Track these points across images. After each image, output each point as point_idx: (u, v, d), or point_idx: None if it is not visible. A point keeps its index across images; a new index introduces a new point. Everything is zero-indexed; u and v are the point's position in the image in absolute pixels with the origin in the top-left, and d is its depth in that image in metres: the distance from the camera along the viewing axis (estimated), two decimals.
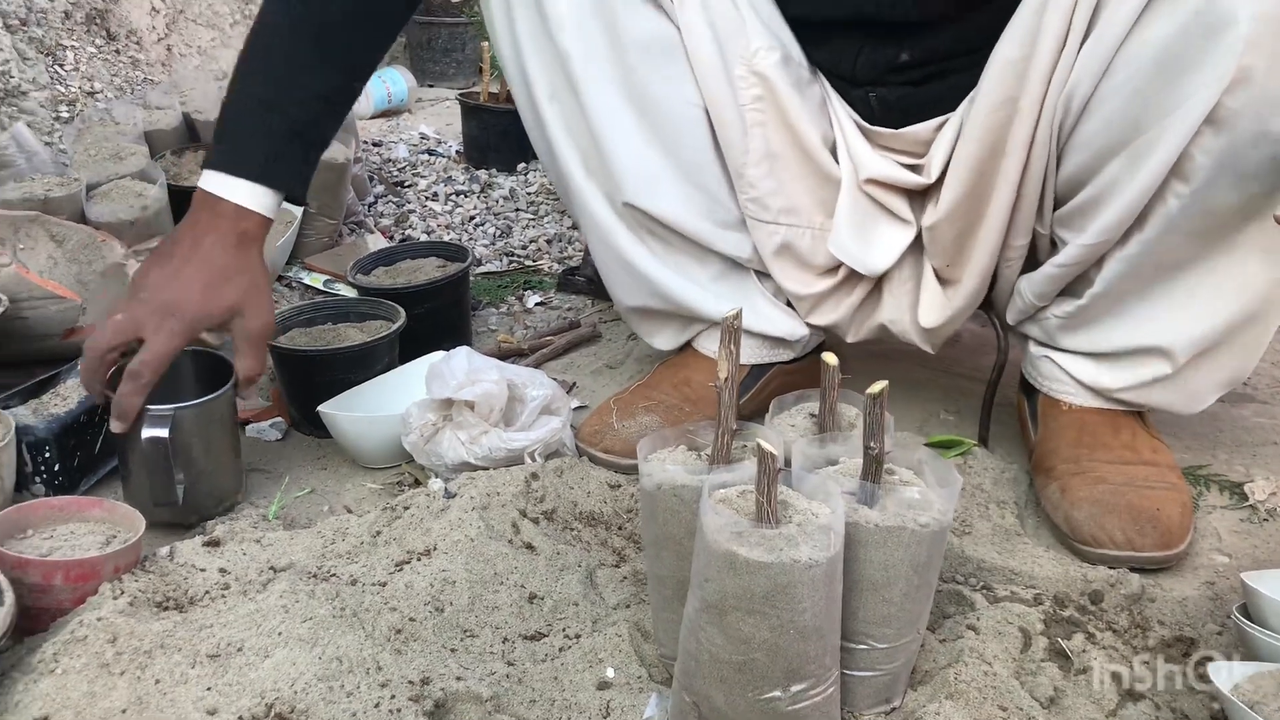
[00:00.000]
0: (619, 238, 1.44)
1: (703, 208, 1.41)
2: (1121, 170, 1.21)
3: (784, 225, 1.42)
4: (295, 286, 2.07)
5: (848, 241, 1.39)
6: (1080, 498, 1.29)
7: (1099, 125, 1.21)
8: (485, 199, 2.56)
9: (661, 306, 1.49)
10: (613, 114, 1.36)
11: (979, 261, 1.36)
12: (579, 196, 1.43)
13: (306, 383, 1.54)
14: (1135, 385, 1.35)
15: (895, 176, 1.38)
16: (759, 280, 1.50)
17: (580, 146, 1.40)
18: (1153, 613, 1.15)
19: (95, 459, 1.42)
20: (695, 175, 1.40)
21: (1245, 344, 1.31)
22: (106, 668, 0.98)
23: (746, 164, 1.38)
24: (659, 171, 1.38)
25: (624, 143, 1.37)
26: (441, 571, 1.15)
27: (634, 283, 1.47)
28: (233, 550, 1.22)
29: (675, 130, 1.38)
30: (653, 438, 1.05)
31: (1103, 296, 1.31)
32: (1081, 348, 1.37)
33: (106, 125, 2.20)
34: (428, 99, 3.50)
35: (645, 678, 1.06)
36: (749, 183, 1.40)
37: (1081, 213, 1.28)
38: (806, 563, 0.86)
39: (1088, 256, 1.29)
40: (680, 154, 1.39)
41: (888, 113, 1.38)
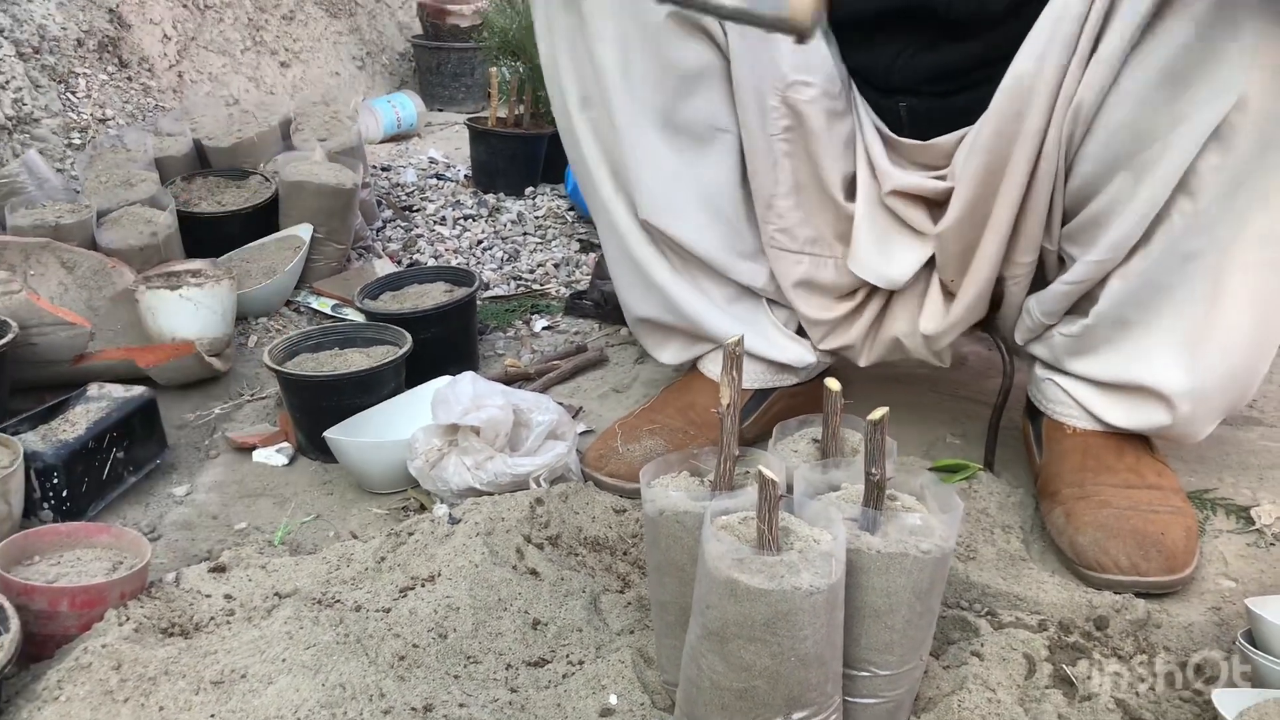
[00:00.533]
0: (640, 249, 1.45)
1: (721, 236, 1.42)
2: (1126, 185, 1.22)
3: (809, 255, 1.43)
4: (303, 311, 2.08)
5: (868, 258, 1.40)
6: (1085, 522, 1.29)
7: (1104, 138, 1.21)
8: (493, 223, 2.57)
9: (673, 321, 1.50)
10: (642, 134, 1.37)
11: (979, 272, 1.36)
12: (604, 203, 1.44)
13: (313, 408, 1.54)
14: (1133, 422, 1.35)
15: (921, 185, 1.37)
16: (769, 308, 1.50)
17: (609, 156, 1.41)
18: (1158, 638, 1.15)
19: (103, 485, 1.43)
20: (716, 202, 1.41)
21: (1246, 380, 1.31)
22: (110, 695, 0.99)
23: (776, 195, 1.39)
24: (681, 195, 1.39)
25: (650, 163, 1.38)
26: (445, 598, 1.15)
27: (649, 294, 1.48)
28: (238, 576, 1.22)
29: (702, 156, 1.39)
30: (656, 463, 1.05)
31: (1107, 316, 1.31)
32: (1085, 373, 1.37)
33: (118, 152, 2.22)
34: (436, 123, 3.53)
35: (648, 704, 1.06)
36: (778, 213, 1.40)
37: (1088, 228, 1.28)
38: (808, 590, 0.86)
39: (1095, 273, 1.29)
40: (703, 180, 1.40)
41: (916, 124, 1.38)
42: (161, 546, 1.37)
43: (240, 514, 1.46)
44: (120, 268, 1.85)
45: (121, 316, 1.82)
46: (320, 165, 2.19)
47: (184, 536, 1.40)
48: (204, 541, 1.39)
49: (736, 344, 0.99)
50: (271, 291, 2.02)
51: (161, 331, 1.74)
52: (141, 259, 1.94)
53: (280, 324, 2.03)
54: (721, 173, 1.40)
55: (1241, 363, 1.29)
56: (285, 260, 2.06)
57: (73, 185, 2.16)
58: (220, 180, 2.26)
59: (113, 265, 1.85)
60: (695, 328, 1.48)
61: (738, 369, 0.99)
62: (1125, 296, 1.28)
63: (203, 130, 2.39)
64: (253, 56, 3.23)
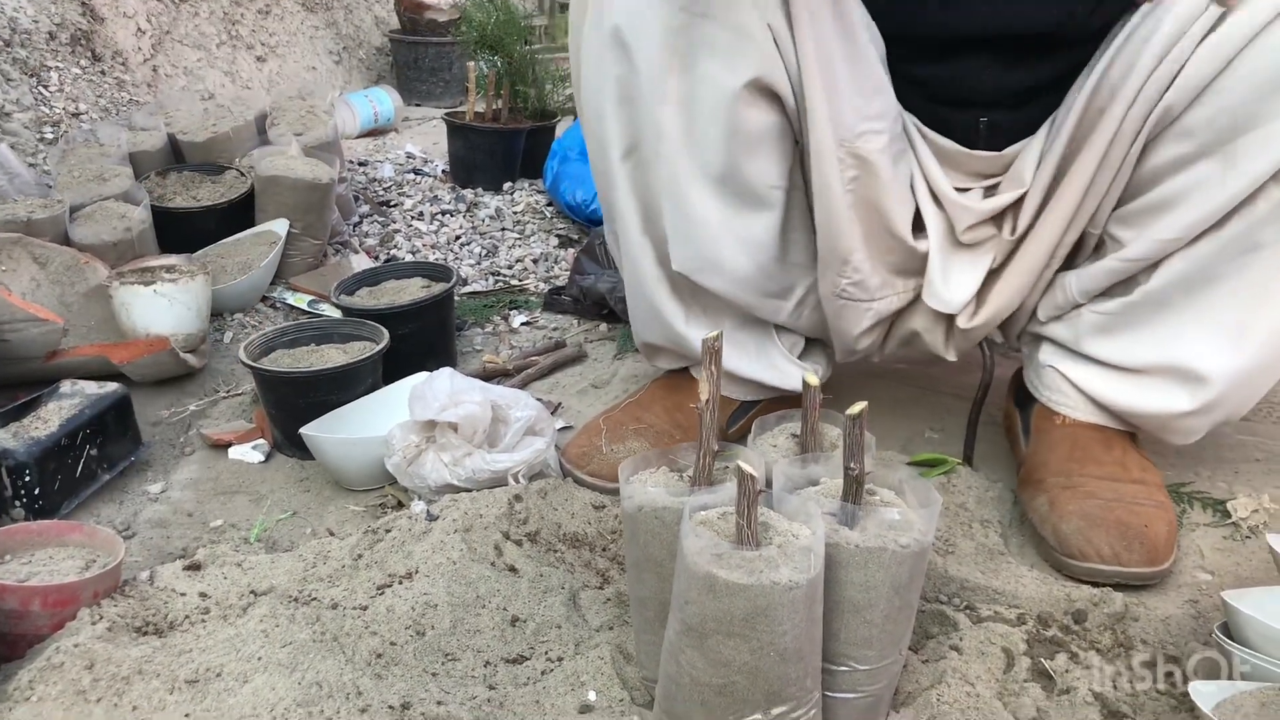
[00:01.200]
0: (658, 294, 1.42)
1: (752, 282, 1.39)
2: (1213, 170, 1.21)
3: (876, 300, 1.41)
4: (280, 307, 2.06)
5: (939, 289, 1.38)
6: (1069, 511, 1.29)
7: (1208, 116, 1.20)
8: (471, 218, 2.56)
9: (678, 351, 1.49)
10: (694, 192, 1.31)
11: (1027, 261, 1.36)
12: (631, 246, 1.41)
13: (289, 404, 1.53)
14: (1147, 406, 1.34)
15: (994, 207, 1.35)
16: (776, 335, 1.49)
17: (644, 204, 1.36)
18: (1136, 631, 1.15)
19: (76, 483, 1.41)
20: (756, 255, 1.37)
21: (1270, 380, 1.32)
22: (83, 695, 0.98)
23: (854, 249, 1.35)
24: (721, 251, 1.35)
25: (694, 220, 1.32)
26: (423, 595, 1.15)
27: (660, 329, 1.46)
28: (213, 574, 1.21)
29: (753, 213, 1.34)
30: (635, 459, 1.05)
31: (1154, 296, 1.30)
32: (1107, 355, 1.36)
33: (91, 146, 2.19)
34: (414, 118, 3.51)
35: (627, 701, 1.05)
36: (854, 267, 1.37)
37: (1155, 210, 1.27)
38: (786, 584, 0.86)
39: (1157, 253, 1.28)
40: (748, 235, 1.35)
41: (994, 135, 1.35)
42: (136, 545, 1.36)
43: (216, 512, 1.44)
44: (94, 263, 1.83)
45: (95, 313, 1.80)
46: (296, 160, 2.17)
47: (159, 534, 1.39)
48: (179, 539, 1.38)
49: (715, 339, 0.99)
50: (247, 287, 2.00)
51: (135, 327, 1.72)
52: (115, 254, 1.92)
53: (256, 320, 2.02)
54: (768, 228, 1.36)
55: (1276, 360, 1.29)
56: (261, 256, 2.04)
57: (45, 180, 2.14)
58: (195, 175, 2.24)
59: (86, 261, 1.83)
60: (699, 359, 1.46)
61: (717, 365, 0.99)
62: (1179, 278, 1.28)
63: (177, 125, 2.37)
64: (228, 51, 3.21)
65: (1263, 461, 1.53)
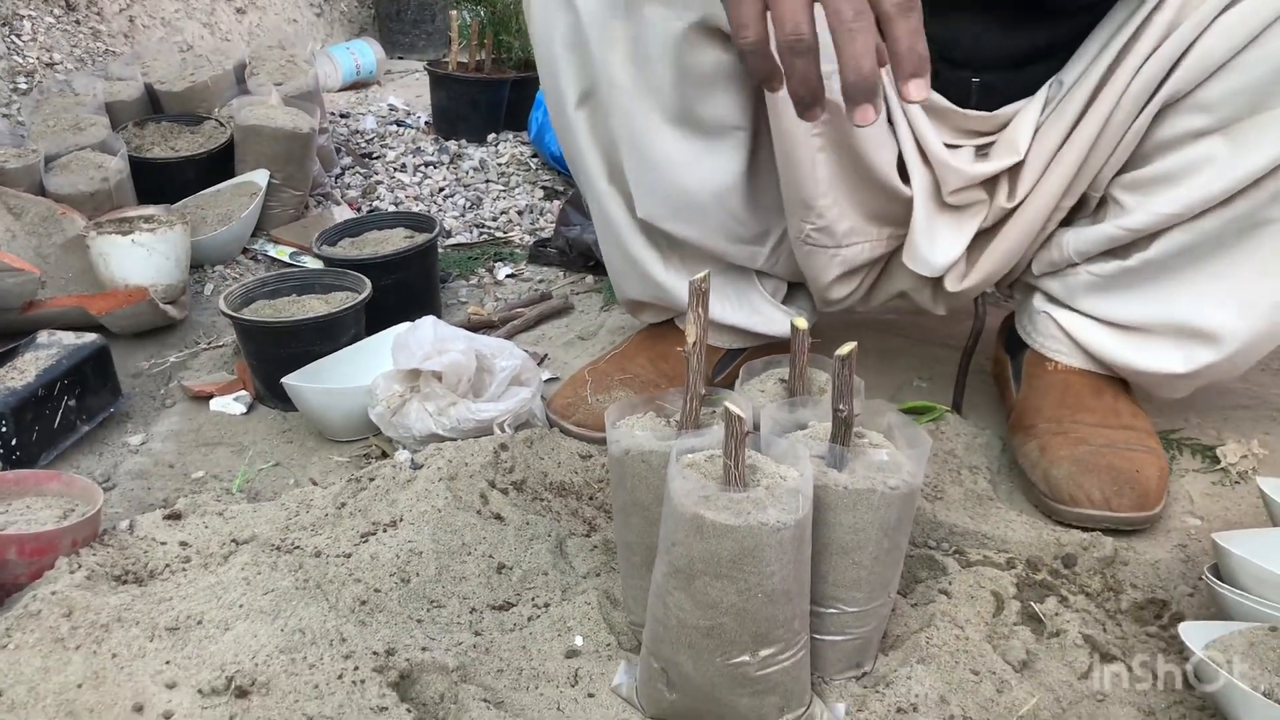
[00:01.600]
0: (635, 244, 1.39)
1: (721, 226, 1.36)
2: (1219, 148, 1.19)
3: (844, 247, 1.38)
4: (261, 259, 2.04)
5: (923, 252, 1.35)
6: (1060, 456, 1.29)
7: (1225, 92, 1.17)
8: (455, 170, 2.53)
9: (662, 304, 1.46)
10: (650, 134, 1.28)
11: (1022, 227, 1.33)
12: (599, 196, 1.38)
13: (271, 355, 1.51)
14: (1149, 364, 1.32)
15: (984, 173, 1.32)
16: (759, 280, 1.47)
17: (607, 152, 1.34)
18: (1125, 575, 1.14)
19: (55, 434, 1.39)
20: (721, 198, 1.33)
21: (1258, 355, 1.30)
22: (61, 642, 0.96)
23: (816, 194, 1.32)
24: (684, 194, 1.31)
25: (654, 163, 1.29)
26: (408, 543, 1.13)
27: (641, 283, 1.43)
28: (194, 523, 1.19)
29: (712, 153, 1.30)
30: (621, 404, 1.03)
31: (1154, 263, 1.28)
32: (1103, 313, 1.35)
33: (66, 96, 2.16)
34: (397, 71, 3.46)
35: (614, 645, 1.04)
36: (818, 213, 1.34)
37: (1161, 181, 1.25)
38: (774, 526, 0.84)
39: (1159, 225, 1.26)
40: (710, 176, 1.31)
41: (987, 96, 1.32)
42: (116, 496, 1.34)
43: (197, 463, 1.43)
44: (70, 214, 1.80)
45: (73, 264, 1.77)
46: (276, 110, 2.14)
47: (139, 486, 1.37)
48: (160, 490, 1.36)
49: (703, 280, 0.97)
50: (228, 238, 1.98)
51: (114, 278, 1.69)
52: (92, 205, 1.89)
53: (237, 272, 1.99)
54: (730, 168, 1.32)
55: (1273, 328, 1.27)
56: (241, 207, 2.01)
57: (19, 130, 2.10)
58: (174, 125, 2.20)
59: (62, 212, 1.80)
60: (683, 309, 1.44)
61: (703, 306, 0.97)
62: (1180, 249, 1.26)
63: (154, 75, 2.33)
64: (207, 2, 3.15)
65: (1251, 408, 1.53)
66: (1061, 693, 0.99)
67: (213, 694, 0.92)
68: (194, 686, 0.92)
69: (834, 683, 0.99)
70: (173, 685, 0.93)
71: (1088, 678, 1.01)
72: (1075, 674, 1.01)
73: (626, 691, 0.98)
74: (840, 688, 0.99)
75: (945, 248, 1.35)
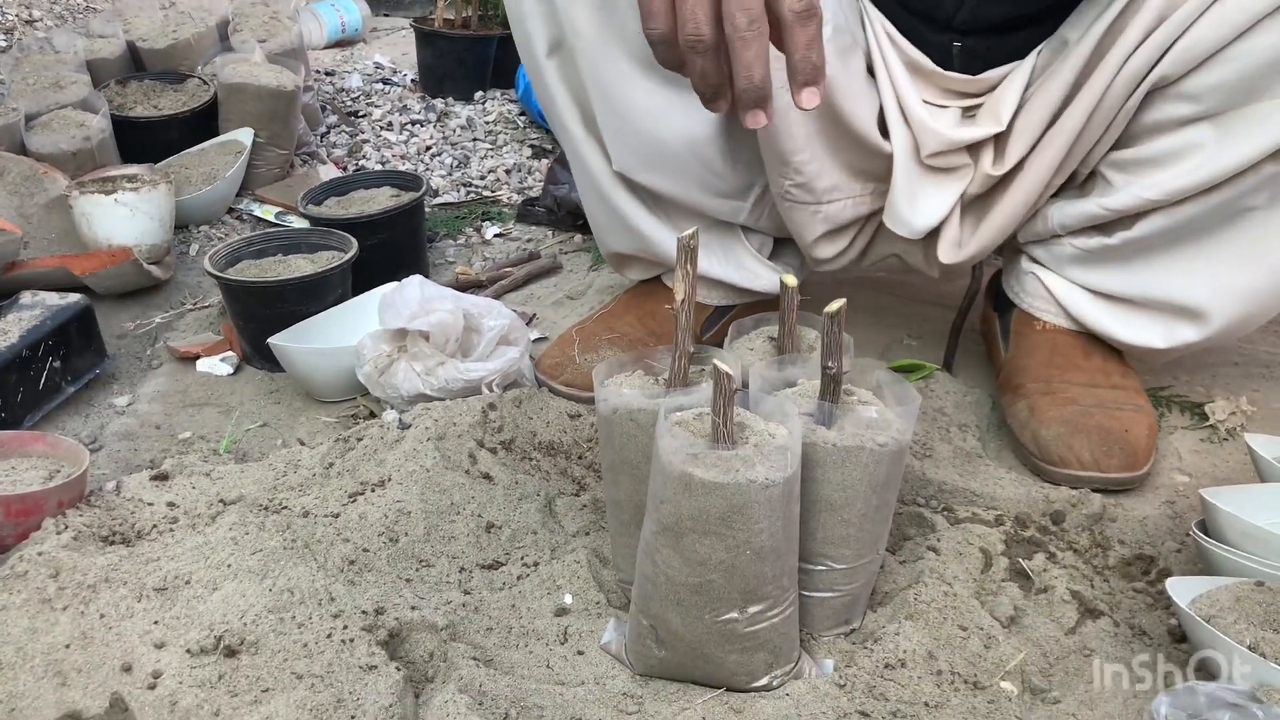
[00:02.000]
0: (615, 194, 1.37)
1: (699, 179, 1.35)
2: (1206, 136, 1.18)
3: (825, 203, 1.36)
4: (246, 219, 2.02)
5: (904, 213, 1.33)
6: (1049, 417, 1.28)
7: (1213, 82, 1.16)
8: (442, 128, 2.50)
9: (649, 257, 1.45)
10: (621, 81, 1.26)
11: (1016, 201, 1.32)
12: (577, 147, 1.36)
13: (257, 315, 1.50)
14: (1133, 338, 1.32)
15: (964, 139, 1.30)
16: (744, 236, 1.45)
17: (579, 102, 1.32)
18: (1113, 532, 1.15)
19: (40, 395, 1.38)
20: (697, 148, 1.31)
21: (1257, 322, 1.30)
22: (48, 603, 0.96)
23: (793, 150, 1.29)
24: (658, 144, 1.30)
25: (626, 112, 1.28)
26: (396, 502, 1.13)
27: (625, 234, 1.42)
28: (181, 484, 1.19)
29: (683, 101, 1.25)
30: (609, 363, 1.02)
31: (1135, 243, 1.28)
32: (1088, 283, 1.34)
33: (46, 54, 2.12)
34: (383, 28, 3.42)
35: (604, 603, 1.05)
36: (795, 169, 1.31)
37: (1147, 164, 1.23)
38: (763, 483, 0.84)
39: (1141, 208, 1.25)
40: (683, 125, 1.29)
41: (970, 60, 1.30)
42: (103, 457, 1.33)
43: (184, 424, 1.42)
44: (52, 173, 1.78)
45: (56, 224, 1.75)
46: (260, 67, 2.11)
47: (126, 447, 1.36)
48: (147, 452, 1.35)
49: (691, 236, 0.96)
50: (212, 198, 1.96)
51: (97, 238, 1.67)
52: (74, 164, 1.87)
53: (222, 232, 1.97)
54: (704, 119, 1.28)
55: (1263, 309, 1.27)
56: (226, 166, 1.99)
57: None
58: (156, 84, 2.17)
59: (44, 171, 1.78)
60: (670, 262, 1.43)
61: (692, 263, 0.96)
62: (1162, 231, 1.25)
63: (136, 32, 2.29)
64: None
65: (1240, 365, 1.53)
66: (1049, 648, 1.00)
67: (201, 653, 0.92)
68: (182, 646, 0.92)
69: (822, 639, 1.00)
70: (161, 645, 0.93)
71: (1075, 633, 1.02)
72: (1063, 629, 1.02)
73: (615, 649, 0.98)
74: (829, 644, 0.99)
75: (927, 210, 1.34)
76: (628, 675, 0.96)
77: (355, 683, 0.89)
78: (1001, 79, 1.30)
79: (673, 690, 0.94)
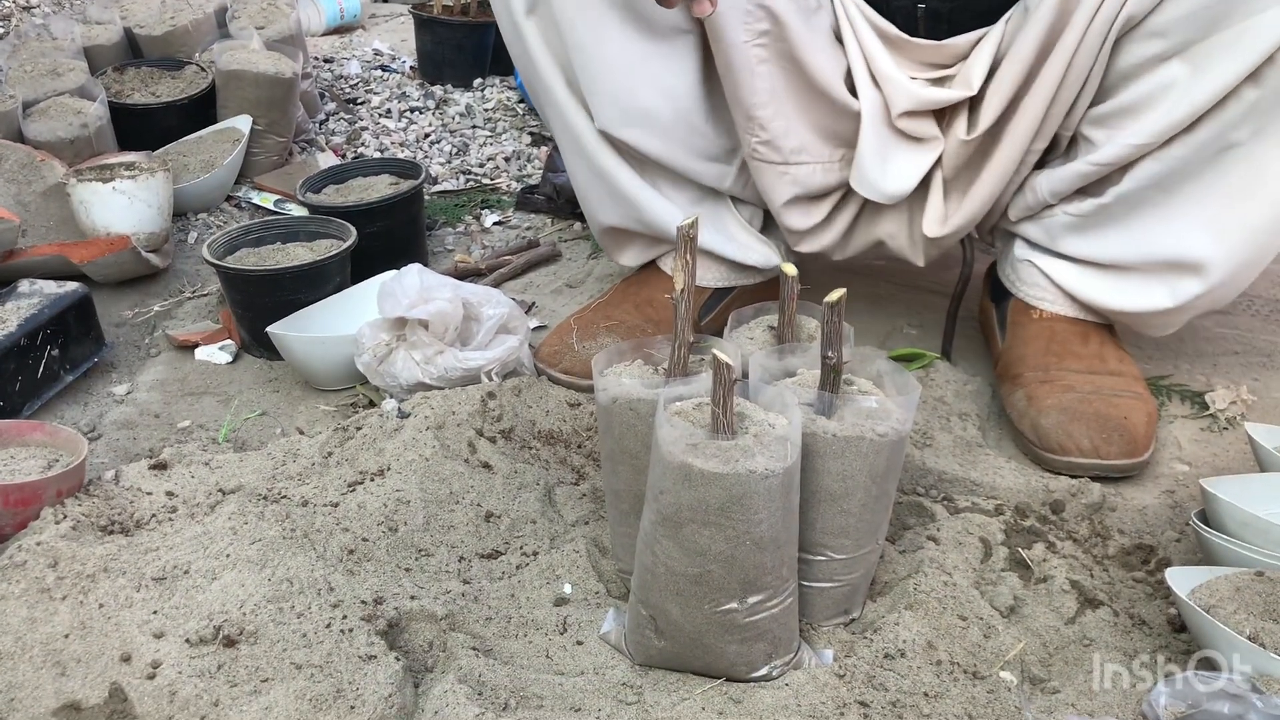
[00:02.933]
0: (602, 156, 1.37)
1: (682, 140, 1.35)
2: (1180, 72, 1.18)
3: (793, 165, 1.36)
4: (245, 207, 2.01)
5: (872, 176, 1.33)
6: (1048, 405, 1.28)
7: (1176, 16, 1.16)
8: (441, 115, 2.49)
9: (639, 228, 1.44)
10: (599, 34, 1.27)
11: (998, 168, 1.31)
12: (560, 110, 1.36)
13: (256, 303, 1.49)
14: (1130, 304, 1.32)
15: (936, 100, 1.30)
16: (734, 206, 1.45)
17: (561, 62, 1.33)
18: (1113, 521, 1.15)
19: (38, 383, 1.38)
20: (677, 105, 1.32)
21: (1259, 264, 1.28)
22: (47, 592, 0.96)
23: (756, 105, 1.31)
24: (639, 101, 1.31)
25: (606, 68, 1.29)
26: (395, 491, 1.13)
27: (613, 201, 1.42)
28: (180, 473, 1.19)
29: (662, 55, 1.30)
30: (608, 352, 1.02)
31: (1128, 197, 1.27)
32: (1085, 253, 1.33)
33: (43, 41, 2.12)
34: (382, 15, 3.41)
35: (603, 593, 1.05)
36: (759, 125, 1.32)
37: (1127, 112, 1.23)
38: (762, 473, 0.84)
39: (1129, 156, 1.25)
40: (664, 82, 1.31)
41: (935, 25, 1.31)
42: (102, 446, 1.33)
43: (183, 412, 1.42)
44: (50, 161, 1.78)
45: (54, 212, 1.75)
46: (258, 54, 2.10)
47: (125, 435, 1.36)
48: (146, 440, 1.35)
49: (690, 226, 0.96)
50: (210, 186, 1.95)
51: (95, 226, 1.67)
52: (72, 152, 1.86)
53: (221, 220, 1.97)
54: (682, 74, 1.31)
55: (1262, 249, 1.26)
56: (224, 153, 1.98)
57: None
58: (154, 71, 2.16)
59: (42, 159, 1.77)
60: (661, 233, 1.43)
61: (692, 253, 0.96)
62: (1152, 179, 1.25)
63: (134, 18, 2.28)
64: None
65: (1241, 354, 1.53)
66: (1048, 638, 1.00)
67: (200, 643, 0.92)
68: (181, 636, 0.92)
69: (822, 629, 1.00)
70: (160, 635, 0.93)
71: (1074, 623, 1.02)
72: (1062, 619, 1.02)
73: (615, 639, 0.98)
74: (828, 634, 0.99)
75: (897, 175, 1.34)
76: (627, 665, 0.96)
77: (354, 672, 0.89)
78: (971, 46, 1.30)
79: (672, 680, 0.94)
